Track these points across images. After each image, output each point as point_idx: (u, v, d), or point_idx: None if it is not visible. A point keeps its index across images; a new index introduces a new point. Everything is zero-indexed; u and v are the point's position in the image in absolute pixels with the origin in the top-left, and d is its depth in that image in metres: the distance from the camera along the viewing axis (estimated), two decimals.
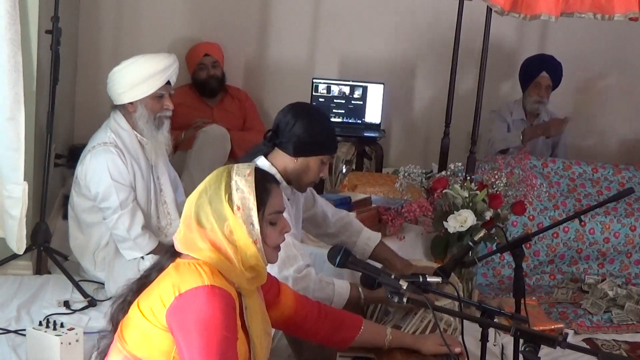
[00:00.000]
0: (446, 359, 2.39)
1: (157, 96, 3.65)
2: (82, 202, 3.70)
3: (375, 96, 5.41)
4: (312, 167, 2.85)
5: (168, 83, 3.69)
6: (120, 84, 3.63)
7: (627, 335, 3.74)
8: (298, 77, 5.52)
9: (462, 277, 3.57)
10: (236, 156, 4.85)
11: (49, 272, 3.91)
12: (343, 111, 5.41)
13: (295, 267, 2.70)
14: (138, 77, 3.60)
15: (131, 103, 3.64)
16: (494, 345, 3.20)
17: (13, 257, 3.81)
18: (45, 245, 3.81)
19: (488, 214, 3.65)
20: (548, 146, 5.27)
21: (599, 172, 4.61)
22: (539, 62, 5.24)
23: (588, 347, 3.36)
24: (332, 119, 5.37)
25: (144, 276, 2.15)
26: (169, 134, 3.77)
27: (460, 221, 3.58)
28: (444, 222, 3.62)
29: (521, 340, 2.03)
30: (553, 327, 3.50)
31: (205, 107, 5.23)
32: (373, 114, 5.42)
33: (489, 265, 4.24)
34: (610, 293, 4.04)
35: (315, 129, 2.82)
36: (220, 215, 2.08)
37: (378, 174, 5.08)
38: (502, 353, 3.13)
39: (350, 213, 3.46)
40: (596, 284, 4.17)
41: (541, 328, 3.38)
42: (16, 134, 3.51)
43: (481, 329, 2.23)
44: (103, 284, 3.71)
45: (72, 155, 4.47)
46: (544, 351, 2.05)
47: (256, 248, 2.10)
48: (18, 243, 3.63)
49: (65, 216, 4.02)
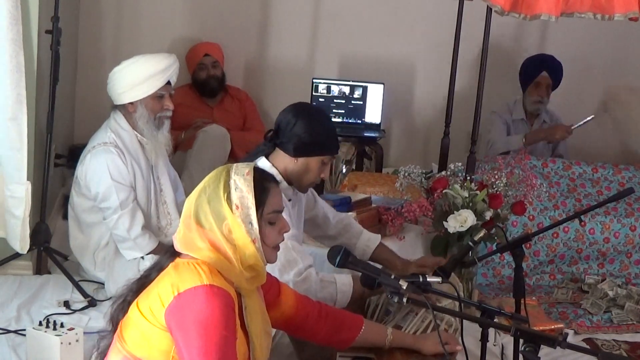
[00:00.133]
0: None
1: (158, 96, 3.65)
2: (82, 202, 3.70)
3: (375, 96, 5.41)
4: (313, 168, 2.83)
5: (168, 83, 3.69)
6: (120, 84, 3.63)
7: (627, 335, 3.73)
8: (298, 77, 5.52)
9: (462, 277, 3.56)
10: (236, 156, 4.85)
11: (49, 272, 3.92)
12: (343, 111, 5.41)
13: (295, 271, 2.69)
14: (138, 77, 3.60)
15: (131, 103, 3.64)
16: (494, 345, 3.19)
17: (13, 257, 3.81)
18: (45, 245, 3.81)
19: (488, 214, 3.64)
20: (548, 147, 5.27)
21: (599, 172, 4.61)
22: (539, 62, 5.24)
23: (588, 347, 3.36)
24: (332, 119, 5.37)
25: (144, 276, 2.15)
26: (169, 134, 3.77)
27: (460, 221, 3.58)
28: (444, 222, 3.62)
29: (521, 340, 2.02)
30: (553, 327, 3.50)
31: (205, 107, 5.24)
32: (373, 114, 5.41)
33: (489, 265, 4.24)
34: (610, 293, 4.04)
35: (315, 129, 2.81)
36: (219, 214, 2.08)
37: (378, 174, 5.07)
38: (502, 353, 3.13)
39: (349, 215, 3.45)
40: (596, 284, 4.16)
41: (541, 328, 3.38)
42: (19, 134, 3.51)
43: (481, 329, 2.23)
44: (103, 284, 3.71)
45: (72, 155, 4.47)
46: (544, 351, 2.05)
47: (255, 247, 2.09)
48: (22, 243, 3.63)
49: (65, 216, 4.02)
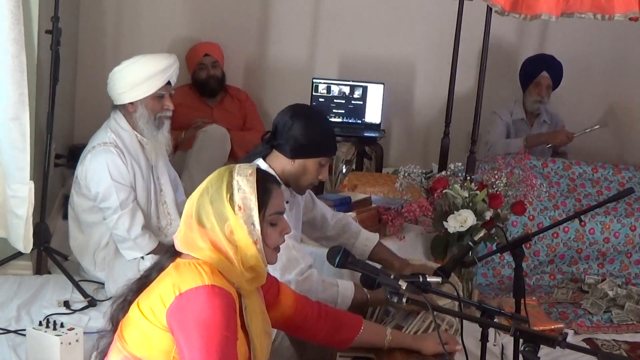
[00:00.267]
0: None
1: (158, 96, 3.65)
2: (82, 202, 3.70)
3: (375, 96, 5.41)
4: (310, 169, 2.82)
5: (168, 83, 3.69)
6: (120, 84, 3.63)
7: (627, 335, 3.73)
8: (298, 77, 5.52)
9: (462, 277, 3.56)
10: (236, 156, 4.85)
11: (49, 272, 3.92)
12: (343, 111, 5.41)
13: (297, 271, 2.69)
14: (138, 77, 3.60)
15: (131, 103, 3.64)
16: (494, 345, 3.20)
17: (13, 257, 3.81)
18: (45, 245, 3.81)
19: (488, 214, 3.64)
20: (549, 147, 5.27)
21: (599, 172, 4.61)
22: (540, 62, 5.25)
23: (588, 347, 3.36)
24: (332, 119, 5.37)
25: (144, 276, 2.15)
26: (169, 134, 3.77)
27: (460, 221, 3.58)
28: (444, 222, 3.62)
29: (521, 340, 2.03)
30: (553, 327, 3.50)
31: (205, 107, 5.24)
32: (373, 114, 5.41)
33: (489, 265, 4.24)
34: (610, 293, 4.04)
35: (312, 131, 2.79)
36: (221, 215, 2.08)
37: (378, 174, 5.07)
38: (502, 353, 3.13)
39: (347, 214, 3.45)
40: (596, 284, 4.16)
41: (541, 328, 3.38)
42: (21, 134, 3.50)
43: (481, 329, 2.23)
44: (103, 284, 3.71)
45: (72, 155, 4.47)
46: (544, 351, 2.05)
47: (256, 248, 2.09)
48: (25, 242, 3.63)
49: (65, 216, 4.02)
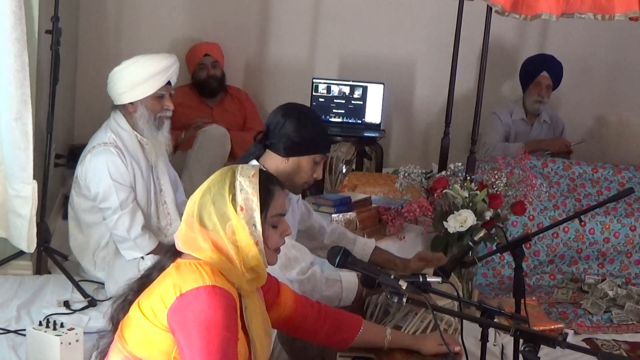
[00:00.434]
0: (446, 359, 2.39)
1: (158, 96, 3.65)
2: (82, 202, 3.70)
3: (375, 96, 5.41)
4: (305, 167, 2.79)
5: (168, 83, 3.69)
6: (120, 84, 3.63)
7: (627, 335, 3.73)
8: (298, 77, 5.53)
9: (462, 277, 3.56)
10: (236, 156, 4.85)
11: (49, 272, 3.91)
12: (343, 111, 5.41)
13: (298, 269, 2.68)
14: (138, 77, 3.60)
15: (131, 103, 3.64)
16: (494, 345, 3.19)
17: (13, 257, 3.81)
18: (45, 245, 3.81)
19: (488, 214, 3.64)
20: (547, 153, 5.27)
21: (599, 172, 4.61)
22: (540, 62, 5.25)
23: (588, 347, 3.36)
24: (332, 119, 5.38)
25: (145, 275, 2.15)
26: (169, 134, 3.77)
27: (460, 221, 3.58)
28: (444, 222, 3.62)
29: (521, 340, 2.02)
30: (553, 327, 3.50)
31: (205, 107, 5.24)
32: (373, 114, 5.41)
33: (489, 265, 4.24)
34: (610, 293, 4.04)
35: (305, 128, 2.77)
36: (223, 215, 2.08)
37: (378, 174, 5.07)
38: (502, 353, 3.13)
39: (341, 224, 3.47)
40: (596, 284, 4.16)
41: (541, 328, 3.38)
42: (24, 134, 3.50)
43: (481, 329, 2.23)
44: (103, 284, 3.71)
45: (72, 155, 4.48)
46: (544, 351, 2.05)
47: (257, 249, 2.09)
48: (28, 242, 3.63)
49: (65, 216, 4.02)
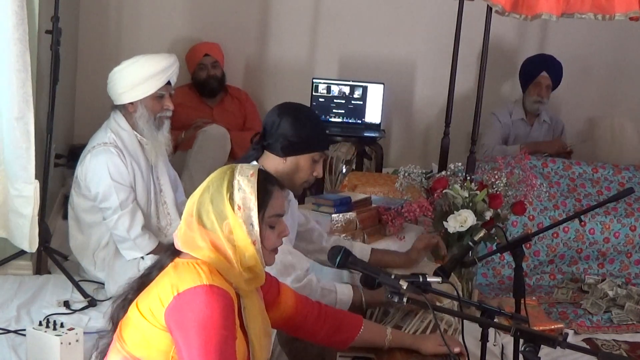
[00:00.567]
0: (446, 359, 2.39)
1: (158, 96, 3.65)
2: (82, 202, 3.70)
3: (375, 96, 5.41)
4: (303, 166, 2.77)
5: (168, 83, 3.69)
6: (120, 84, 3.63)
7: (627, 335, 3.74)
8: (298, 77, 5.53)
9: (462, 277, 3.57)
10: (236, 156, 4.85)
11: (49, 272, 3.91)
12: (343, 111, 5.41)
13: (293, 277, 2.66)
14: (138, 77, 3.60)
15: (131, 103, 3.64)
16: (494, 345, 3.20)
17: (13, 257, 3.81)
18: (45, 245, 3.81)
19: (488, 214, 3.64)
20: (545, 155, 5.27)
21: (599, 172, 4.61)
22: (539, 62, 5.25)
23: (588, 347, 3.36)
24: (332, 119, 5.38)
25: (145, 274, 2.15)
26: (169, 134, 3.77)
27: (460, 221, 3.58)
28: (444, 222, 3.62)
29: (521, 340, 2.03)
30: (553, 327, 3.50)
31: (205, 107, 5.24)
32: (373, 114, 5.41)
33: (489, 265, 4.24)
34: (610, 293, 4.04)
35: (301, 127, 2.74)
36: (220, 213, 2.08)
37: (378, 174, 5.07)
38: (502, 353, 3.13)
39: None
40: (596, 284, 4.16)
41: (541, 328, 3.38)
42: (26, 133, 3.49)
43: (481, 329, 2.23)
44: (103, 284, 3.71)
45: (72, 155, 4.47)
46: (544, 351, 2.05)
47: (255, 249, 2.09)
48: (31, 241, 3.62)
49: (65, 216, 4.02)
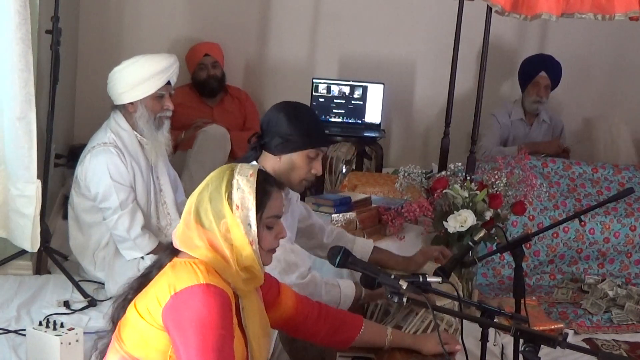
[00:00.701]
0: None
1: (158, 96, 3.65)
2: (82, 202, 3.70)
3: (375, 96, 5.41)
4: (299, 164, 2.74)
5: (168, 83, 3.69)
6: (120, 84, 3.63)
7: (627, 335, 3.73)
8: (298, 77, 5.53)
9: (462, 277, 3.57)
10: (236, 156, 4.85)
11: (49, 272, 3.92)
12: (343, 111, 5.41)
13: (297, 274, 2.66)
14: (138, 77, 3.60)
15: (131, 103, 3.64)
16: (494, 345, 3.20)
17: (13, 257, 3.81)
18: (45, 245, 3.81)
19: (488, 214, 3.65)
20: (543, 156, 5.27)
21: (599, 172, 4.61)
22: (538, 62, 5.25)
23: (588, 347, 3.36)
24: (332, 119, 5.38)
25: (145, 274, 2.15)
26: (169, 134, 3.77)
27: (460, 221, 3.58)
28: (444, 222, 3.62)
29: (521, 340, 2.03)
30: (553, 327, 3.50)
31: (205, 107, 5.24)
32: (373, 114, 5.41)
33: (489, 265, 4.24)
34: (610, 293, 4.04)
35: (294, 124, 2.72)
36: (218, 212, 2.08)
37: (378, 174, 5.07)
38: (502, 353, 3.13)
39: (339, 227, 3.46)
40: (596, 284, 4.16)
41: (541, 328, 3.38)
42: (27, 133, 3.49)
43: (481, 329, 2.23)
44: (103, 284, 3.71)
45: (72, 155, 4.48)
46: (544, 351, 2.05)
47: (252, 249, 2.09)
48: (32, 241, 3.62)
49: (65, 216, 4.02)
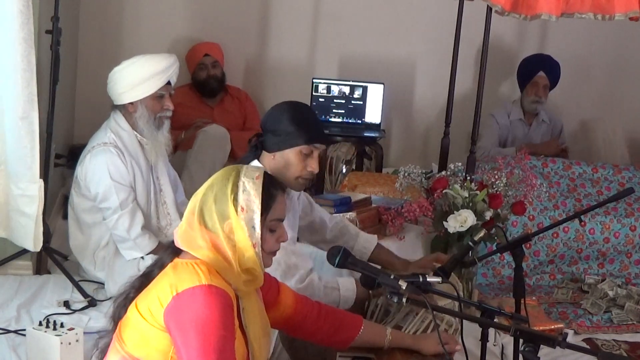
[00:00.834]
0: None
1: (158, 96, 3.65)
2: (82, 202, 3.70)
3: (375, 96, 5.41)
4: (292, 161, 2.72)
5: (168, 83, 3.69)
6: (120, 84, 3.63)
7: (627, 335, 3.73)
8: (298, 77, 5.53)
9: (462, 277, 3.56)
10: (236, 156, 4.85)
11: (49, 272, 3.91)
12: (343, 111, 5.41)
13: (297, 277, 2.67)
14: (138, 77, 3.60)
15: (131, 103, 3.64)
16: (494, 345, 3.20)
17: (13, 257, 3.81)
18: (45, 245, 3.81)
19: (488, 214, 3.65)
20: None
21: (599, 172, 4.61)
22: (536, 62, 5.25)
23: (588, 347, 3.36)
24: (332, 119, 5.38)
25: (146, 273, 2.15)
26: (169, 134, 3.77)
27: (460, 221, 3.58)
28: (444, 222, 3.62)
29: (521, 340, 2.03)
30: (553, 327, 3.50)
31: (205, 107, 5.24)
32: (373, 114, 5.41)
33: (489, 265, 4.24)
34: (610, 293, 4.04)
35: (287, 121, 2.71)
36: (223, 213, 2.08)
37: (378, 174, 5.07)
38: (502, 353, 3.13)
39: (344, 217, 3.44)
40: (596, 284, 4.16)
41: (541, 328, 3.38)
42: (30, 133, 3.49)
43: (481, 329, 2.23)
44: (103, 284, 3.71)
45: (72, 155, 4.48)
46: (544, 351, 2.05)
47: (254, 251, 2.09)
48: (35, 241, 3.63)
49: (65, 216, 4.02)
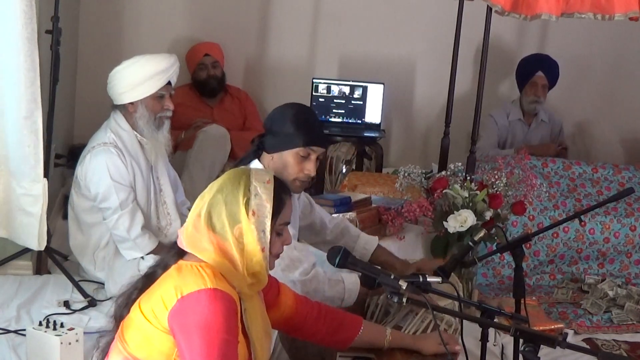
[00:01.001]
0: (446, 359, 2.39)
1: (158, 96, 3.65)
2: (82, 202, 3.70)
3: (375, 96, 5.41)
4: (290, 162, 2.73)
5: (169, 83, 3.69)
6: (120, 84, 3.63)
7: (627, 335, 3.74)
8: (298, 77, 5.53)
9: (462, 277, 3.57)
10: (236, 156, 4.85)
11: (49, 272, 3.92)
12: (343, 111, 5.41)
13: (300, 270, 2.68)
14: (139, 78, 3.60)
15: (131, 103, 3.64)
16: (494, 345, 3.20)
17: (13, 257, 3.81)
18: (45, 245, 3.81)
19: (488, 214, 3.65)
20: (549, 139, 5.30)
21: (599, 172, 4.61)
22: (535, 62, 5.25)
23: (588, 347, 3.36)
24: (332, 119, 5.38)
25: (149, 273, 2.15)
26: (169, 134, 3.77)
27: (460, 221, 3.58)
28: (444, 222, 3.62)
29: (521, 340, 2.03)
30: (553, 327, 3.50)
31: (205, 107, 5.24)
32: (373, 114, 5.41)
33: (489, 265, 4.24)
34: (610, 293, 4.04)
35: (287, 123, 2.72)
36: (234, 216, 2.07)
37: (378, 174, 5.07)
38: (502, 353, 3.13)
39: (345, 218, 3.44)
40: (596, 284, 4.17)
41: (541, 328, 3.38)
42: (34, 132, 3.49)
43: (481, 329, 2.23)
44: (103, 284, 3.71)
45: (72, 155, 4.48)
46: (544, 351, 2.05)
47: (262, 256, 2.09)
48: (39, 240, 3.63)
49: (65, 216, 4.02)
